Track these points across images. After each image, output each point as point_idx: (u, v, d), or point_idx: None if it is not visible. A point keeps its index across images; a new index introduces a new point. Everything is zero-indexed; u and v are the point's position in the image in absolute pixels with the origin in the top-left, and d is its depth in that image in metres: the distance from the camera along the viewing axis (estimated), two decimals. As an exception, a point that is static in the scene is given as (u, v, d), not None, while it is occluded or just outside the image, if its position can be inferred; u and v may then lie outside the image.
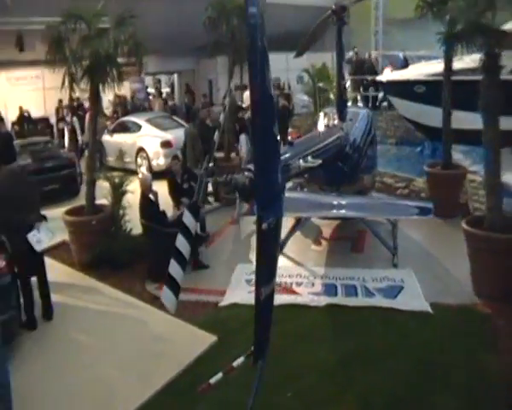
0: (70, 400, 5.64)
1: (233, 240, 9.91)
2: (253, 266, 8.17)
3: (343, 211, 5.02)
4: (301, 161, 5.66)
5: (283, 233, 8.60)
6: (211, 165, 5.55)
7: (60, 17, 8.38)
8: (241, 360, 4.22)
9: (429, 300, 7.05)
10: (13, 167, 7.64)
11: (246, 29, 3.77)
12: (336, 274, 7.97)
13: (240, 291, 7.61)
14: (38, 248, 6.97)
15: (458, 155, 13.06)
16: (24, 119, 18.14)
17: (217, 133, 4.90)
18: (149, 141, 15.04)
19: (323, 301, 7.22)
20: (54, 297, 7.55)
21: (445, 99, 9.94)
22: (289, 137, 6.62)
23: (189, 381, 5.69)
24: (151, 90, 26.33)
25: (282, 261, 8.57)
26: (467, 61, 9.98)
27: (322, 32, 9.83)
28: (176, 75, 26.64)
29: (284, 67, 22.54)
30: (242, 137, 12.16)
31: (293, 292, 7.58)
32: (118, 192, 8.89)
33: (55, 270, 8.71)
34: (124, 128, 16.19)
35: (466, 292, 7.19)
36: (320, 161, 6.05)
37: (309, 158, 5.88)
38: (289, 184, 9.85)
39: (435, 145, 14.57)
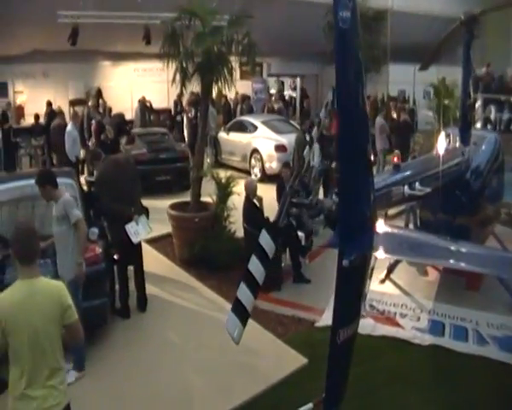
0: (144, 398, 5.54)
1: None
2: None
3: (462, 263, 4.23)
4: (406, 187, 5.07)
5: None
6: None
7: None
8: (307, 407, 3.79)
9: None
10: (117, 157, 7.73)
11: (334, 34, 3.27)
12: (446, 311, 7.24)
13: (338, 314, 7.15)
14: (135, 239, 7.00)
15: None
16: (146, 109, 18.68)
17: (307, 149, 4.47)
18: (264, 143, 14.91)
19: (428, 339, 6.56)
20: (151, 289, 7.57)
21: None
22: (395, 159, 5.99)
23: (270, 402, 5.41)
24: (272, 91, 26.36)
25: (387, 287, 8.06)
26: None
27: (450, 44, 9.03)
28: (298, 79, 26.44)
29: (411, 79, 21.57)
30: (316, 147, 11.41)
31: (396, 324, 7.00)
32: (223, 192, 8.76)
33: (156, 262, 8.81)
34: (240, 127, 16.22)
35: None
36: (428, 190, 5.41)
37: (416, 185, 5.28)
38: (401, 207, 9.25)
39: None
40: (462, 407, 5.39)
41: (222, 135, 16.47)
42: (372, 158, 3.60)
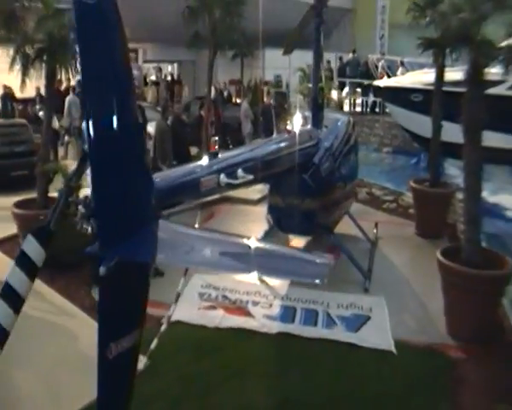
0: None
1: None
2: (211, 278, 7.41)
3: (220, 263, 3.44)
4: (223, 176, 4.73)
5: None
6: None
7: None
8: None
9: (396, 336, 6.22)
10: None
11: (74, 13, 2.72)
12: (299, 295, 7.12)
13: (188, 307, 6.84)
14: None
15: (454, 170, 12.30)
16: (6, 98, 17.26)
17: None
18: (130, 131, 14.25)
19: (276, 327, 6.40)
20: (-10, 296, 6.88)
21: (435, 110, 9.25)
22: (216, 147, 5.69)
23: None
24: (153, 78, 25.56)
25: (244, 276, 7.83)
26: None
27: (305, 29, 9.03)
28: (176, 65, 25.88)
29: (286, 64, 21.69)
30: None
31: (247, 313, 6.79)
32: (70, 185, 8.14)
33: (1, 265, 8.05)
34: (107, 116, 15.43)
35: (438, 330, 6.38)
36: (251, 177, 5.12)
37: (239, 172, 4.97)
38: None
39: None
40: (298, 398, 5.26)
41: (88, 124, 15.60)
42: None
